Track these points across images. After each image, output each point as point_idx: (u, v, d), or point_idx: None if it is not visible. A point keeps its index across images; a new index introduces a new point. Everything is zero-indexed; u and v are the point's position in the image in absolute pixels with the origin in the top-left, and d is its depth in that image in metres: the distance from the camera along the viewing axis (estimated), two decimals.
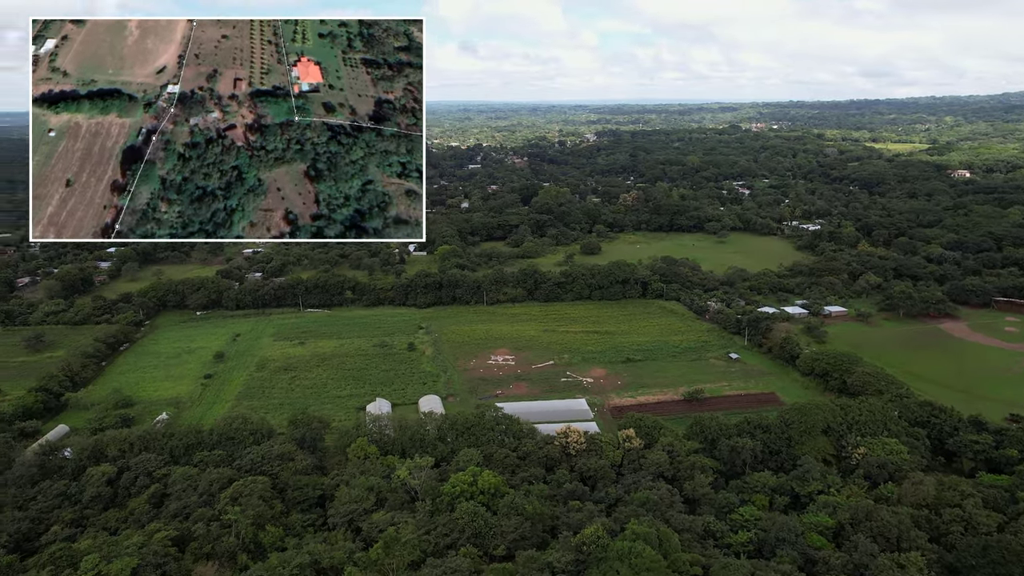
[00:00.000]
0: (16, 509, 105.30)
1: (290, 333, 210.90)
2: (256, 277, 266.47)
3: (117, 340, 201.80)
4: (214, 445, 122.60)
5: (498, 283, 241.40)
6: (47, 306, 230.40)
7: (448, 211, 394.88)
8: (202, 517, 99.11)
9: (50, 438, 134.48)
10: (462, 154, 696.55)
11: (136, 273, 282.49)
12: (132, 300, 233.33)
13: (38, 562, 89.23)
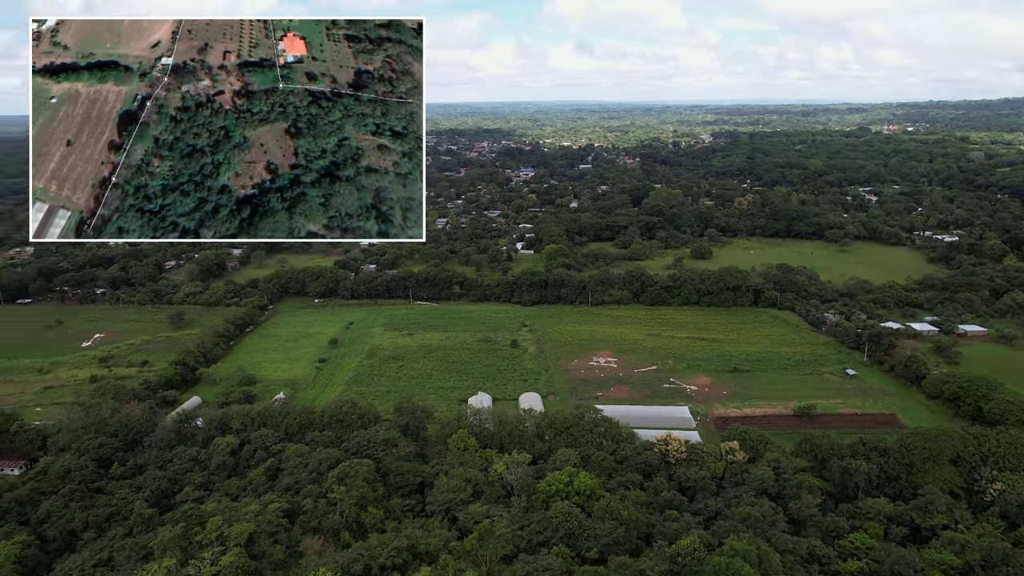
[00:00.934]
0: (157, 468, 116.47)
1: (400, 324, 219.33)
2: (370, 269, 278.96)
3: (244, 322, 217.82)
4: (325, 426, 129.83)
5: (604, 284, 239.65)
6: (188, 287, 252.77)
7: (557, 210, 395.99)
8: (311, 493, 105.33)
9: (186, 408, 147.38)
10: (573, 154, 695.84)
11: (263, 260, 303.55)
12: (258, 286, 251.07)
13: (172, 517, 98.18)
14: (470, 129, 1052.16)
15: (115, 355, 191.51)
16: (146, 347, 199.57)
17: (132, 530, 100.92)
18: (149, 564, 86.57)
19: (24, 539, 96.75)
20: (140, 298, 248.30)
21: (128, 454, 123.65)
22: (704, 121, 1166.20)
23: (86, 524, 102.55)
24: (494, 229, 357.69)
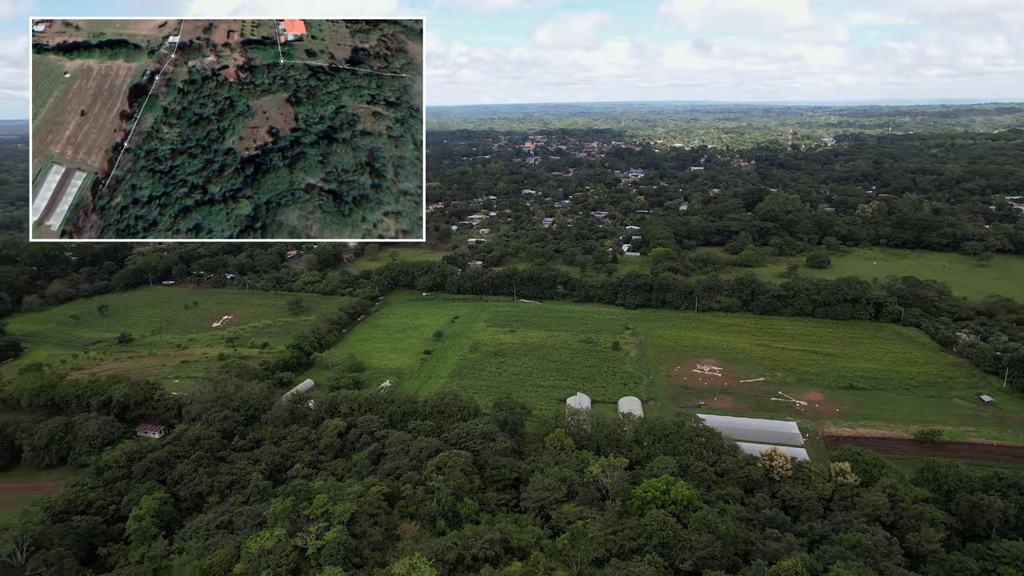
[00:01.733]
0: (272, 444, 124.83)
1: (503, 320, 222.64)
2: (477, 265, 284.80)
3: (356, 311, 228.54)
4: (427, 416, 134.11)
5: (711, 290, 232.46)
6: (306, 276, 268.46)
7: (665, 213, 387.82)
8: (410, 480, 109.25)
9: (300, 389, 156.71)
10: (685, 155, 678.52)
11: (376, 253, 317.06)
12: (371, 277, 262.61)
13: (284, 491, 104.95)
14: (580, 129, 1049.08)
15: (240, 336, 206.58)
16: (267, 330, 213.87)
17: (249, 498, 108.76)
18: (263, 531, 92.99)
19: (162, 496, 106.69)
20: (263, 284, 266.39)
21: (248, 428, 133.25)
22: (827, 123, 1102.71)
23: (211, 488, 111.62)
24: (600, 230, 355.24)
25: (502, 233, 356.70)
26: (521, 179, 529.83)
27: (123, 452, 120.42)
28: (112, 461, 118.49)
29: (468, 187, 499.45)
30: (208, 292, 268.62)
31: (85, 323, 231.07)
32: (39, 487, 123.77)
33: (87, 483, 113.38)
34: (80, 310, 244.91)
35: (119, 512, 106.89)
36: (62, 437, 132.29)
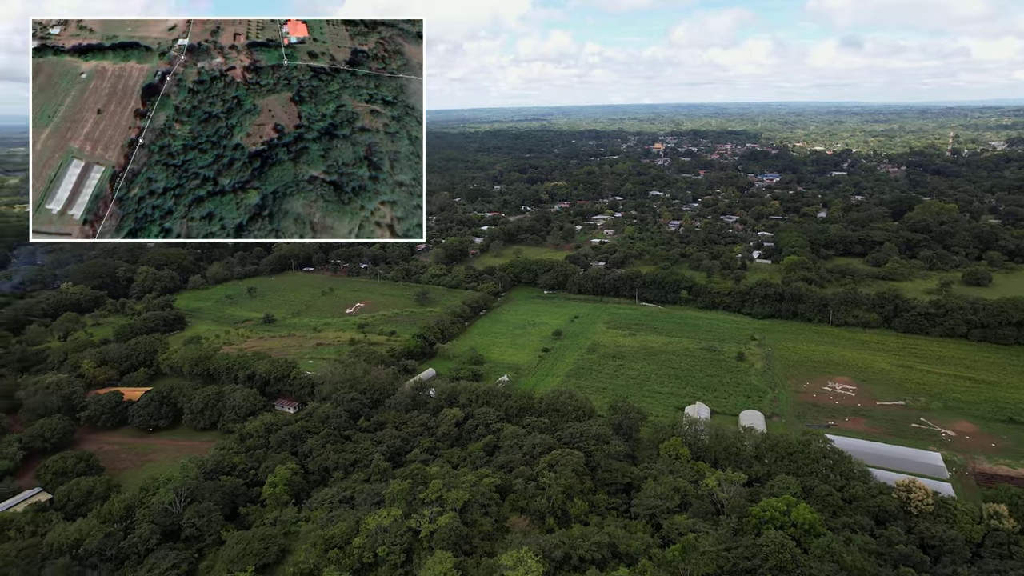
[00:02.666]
0: (394, 428, 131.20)
1: (622, 323, 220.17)
2: (599, 266, 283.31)
3: (479, 306, 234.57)
4: (541, 413, 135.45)
5: (849, 304, 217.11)
6: (433, 269, 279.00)
7: (801, 220, 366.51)
8: (522, 475, 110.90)
9: (422, 377, 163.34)
10: (826, 159, 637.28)
11: (500, 250, 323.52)
12: (494, 273, 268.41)
13: (402, 474, 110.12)
14: (713, 131, 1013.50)
15: (370, 323, 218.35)
16: (395, 319, 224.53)
17: (370, 477, 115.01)
18: (380, 509, 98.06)
19: (293, 467, 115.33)
20: (394, 275, 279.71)
21: (372, 411, 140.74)
22: (998, 125, 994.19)
23: (337, 464, 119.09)
24: (730, 235, 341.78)
25: (626, 235, 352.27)
26: (649, 180, 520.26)
27: (262, 423, 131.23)
28: (253, 430, 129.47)
29: (594, 187, 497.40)
30: (343, 280, 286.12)
31: (236, 303, 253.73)
32: (195, 447, 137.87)
33: (232, 448, 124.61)
34: (233, 291, 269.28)
35: (257, 477, 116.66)
36: (214, 404, 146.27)
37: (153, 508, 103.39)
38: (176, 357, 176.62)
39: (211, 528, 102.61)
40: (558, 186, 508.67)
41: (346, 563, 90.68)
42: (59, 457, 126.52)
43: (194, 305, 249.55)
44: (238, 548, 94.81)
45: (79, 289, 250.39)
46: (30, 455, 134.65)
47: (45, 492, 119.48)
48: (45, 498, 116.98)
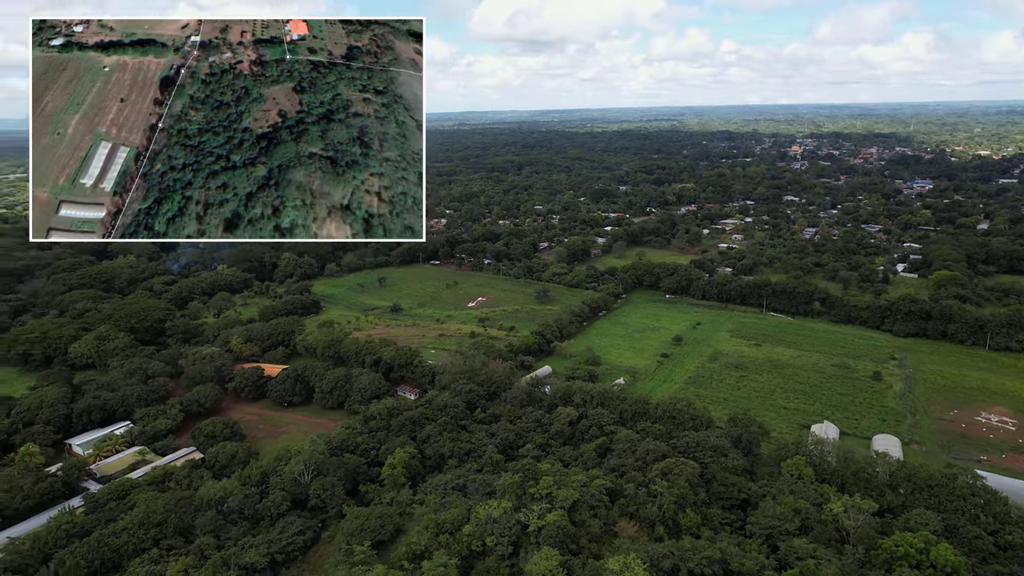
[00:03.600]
0: (508, 422, 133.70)
1: (748, 332, 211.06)
2: (726, 272, 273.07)
3: (598, 306, 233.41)
4: (657, 419, 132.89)
5: (1012, 326, 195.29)
6: (555, 268, 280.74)
7: (957, 231, 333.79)
8: (634, 480, 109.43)
9: (538, 374, 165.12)
10: (992, 165, 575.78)
11: (623, 251, 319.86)
12: (615, 274, 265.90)
13: (514, 467, 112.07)
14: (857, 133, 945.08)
15: (490, 318, 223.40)
16: (515, 315, 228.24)
17: (483, 468, 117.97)
18: (491, 500, 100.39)
19: (411, 451, 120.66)
20: (516, 272, 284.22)
21: (489, 403, 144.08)
22: None
23: (452, 452, 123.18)
24: (871, 245, 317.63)
25: (756, 240, 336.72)
26: (784, 185, 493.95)
27: (385, 407, 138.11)
28: (376, 413, 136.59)
29: (724, 190, 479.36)
30: (467, 274, 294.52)
31: (367, 291, 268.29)
32: (323, 424, 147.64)
33: (357, 428, 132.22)
34: (364, 280, 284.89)
35: (378, 457, 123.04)
36: (342, 385, 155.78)
37: (285, 477, 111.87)
38: (311, 339, 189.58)
39: (334, 501, 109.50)
40: (686, 188, 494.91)
41: (455, 549, 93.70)
42: (210, 422, 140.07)
43: (329, 291, 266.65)
44: (357, 523, 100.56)
45: (232, 271, 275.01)
46: (187, 417, 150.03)
47: (198, 451, 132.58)
48: (198, 457, 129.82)
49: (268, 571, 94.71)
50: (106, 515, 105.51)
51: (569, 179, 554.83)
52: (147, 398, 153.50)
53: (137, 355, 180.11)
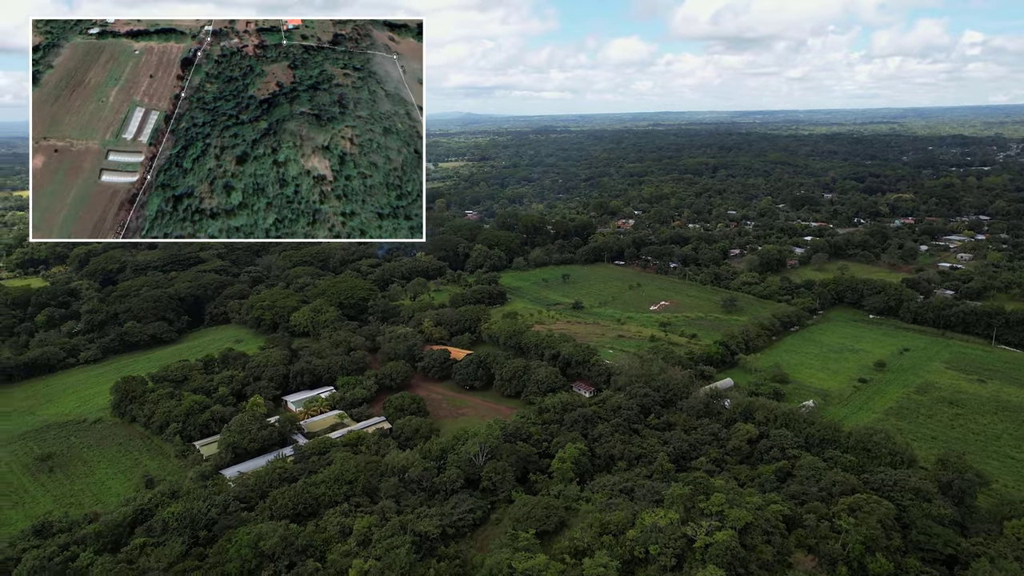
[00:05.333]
0: (683, 431, 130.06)
1: (969, 365, 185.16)
2: (946, 294, 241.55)
3: (790, 321, 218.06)
4: (848, 449, 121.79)
5: None
6: (745, 276, 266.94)
7: None
8: (815, 511, 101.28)
9: (718, 386, 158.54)
10: None
11: (823, 264, 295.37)
12: (813, 288, 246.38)
13: (685, 479, 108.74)
14: None
15: (672, 323, 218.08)
16: (698, 322, 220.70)
17: (652, 475, 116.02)
18: (658, 508, 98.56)
19: (582, 447, 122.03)
20: (702, 278, 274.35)
21: (663, 410, 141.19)
22: None
23: (622, 455, 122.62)
24: None
25: (989, 261, 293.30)
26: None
27: (560, 401, 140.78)
28: (551, 406, 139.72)
29: (951, 203, 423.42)
30: (651, 277, 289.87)
31: (551, 286, 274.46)
32: (500, 410, 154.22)
33: (531, 418, 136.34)
34: (549, 275, 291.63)
35: (548, 449, 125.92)
36: (521, 376, 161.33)
37: (461, 456, 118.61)
38: (495, 328, 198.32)
39: (504, 486, 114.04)
40: (902, 198, 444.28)
41: (617, 551, 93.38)
42: (399, 396, 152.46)
43: (515, 284, 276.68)
44: (524, 510, 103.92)
45: (428, 259, 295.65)
46: (380, 389, 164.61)
47: (387, 422, 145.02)
48: (386, 426, 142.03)
49: (439, 541, 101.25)
50: (309, 466, 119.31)
51: (767, 184, 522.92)
52: (348, 368, 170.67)
53: (343, 328, 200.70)
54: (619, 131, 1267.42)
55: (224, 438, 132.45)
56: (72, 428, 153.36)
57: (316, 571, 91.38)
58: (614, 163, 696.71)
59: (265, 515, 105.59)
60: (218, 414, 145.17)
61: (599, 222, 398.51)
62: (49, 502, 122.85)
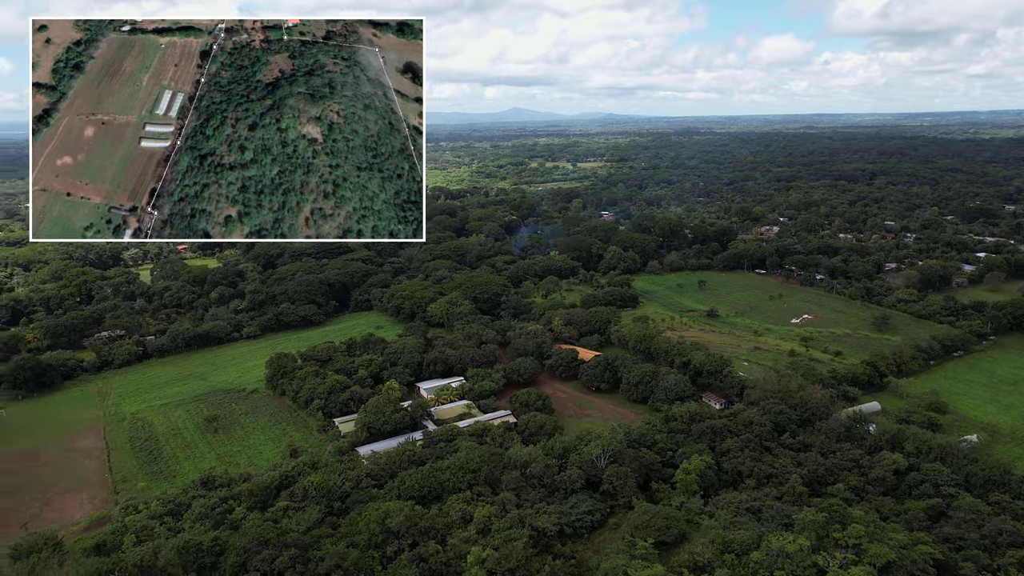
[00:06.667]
0: (820, 454, 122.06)
1: None
2: None
3: (953, 345, 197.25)
4: (1020, 495, 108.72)
5: None
6: (900, 293, 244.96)
7: None
8: (974, 559, 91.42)
9: (863, 409, 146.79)
10: None
11: (999, 284, 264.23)
12: (984, 311, 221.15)
13: (819, 504, 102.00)
14: None
15: (815, 338, 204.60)
16: (844, 339, 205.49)
17: (783, 496, 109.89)
18: (787, 533, 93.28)
19: (708, 460, 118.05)
20: (852, 292, 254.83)
21: (799, 429, 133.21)
22: None
23: (751, 472, 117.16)
24: None
25: None
26: None
27: (688, 410, 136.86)
28: (678, 415, 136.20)
29: None
30: (794, 288, 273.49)
31: (685, 292, 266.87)
32: (624, 414, 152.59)
33: (657, 425, 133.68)
34: (684, 281, 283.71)
35: (673, 459, 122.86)
36: (648, 381, 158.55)
37: (583, 456, 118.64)
38: (625, 331, 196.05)
39: (624, 491, 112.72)
40: None
41: (739, 572, 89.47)
42: (526, 391, 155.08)
43: (648, 287, 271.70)
44: (644, 518, 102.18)
45: (562, 258, 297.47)
46: (507, 383, 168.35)
47: (512, 416, 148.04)
48: (511, 420, 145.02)
49: (556, 539, 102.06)
50: (436, 452, 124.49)
51: (934, 193, 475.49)
52: (478, 360, 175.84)
53: (476, 321, 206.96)
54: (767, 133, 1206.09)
55: (361, 417, 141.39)
56: (233, 395, 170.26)
57: (436, 553, 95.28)
58: (760, 167, 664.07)
59: (393, 494, 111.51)
60: (357, 394, 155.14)
61: (740, 228, 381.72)
62: (213, 459, 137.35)
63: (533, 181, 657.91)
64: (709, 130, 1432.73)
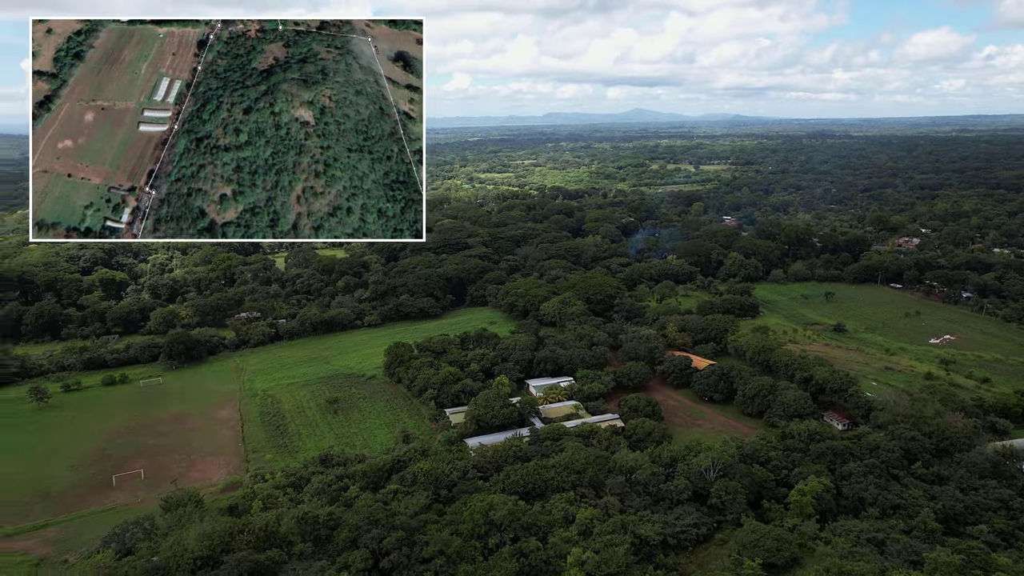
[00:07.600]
0: (959, 490, 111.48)
1: None
2: None
3: None
4: None
5: None
6: None
7: None
8: None
9: (1015, 445, 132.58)
10: None
11: None
12: None
13: (955, 545, 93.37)
14: None
15: (957, 361, 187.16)
16: (993, 365, 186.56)
17: (911, 531, 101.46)
18: (914, 571, 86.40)
19: (826, 483, 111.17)
20: (1006, 313, 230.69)
21: (934, 460, 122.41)
22: None
23: (874, 500, 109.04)
24: None
25: None
26: None
27: (807, 429, 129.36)
28: (796, 432, 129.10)
29: None
30: (935, 306, 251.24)
31: (810, 304, 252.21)
32: (738, 427, 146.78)
33: (771, 442, 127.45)
34: (810, 292, 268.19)
35: (787, 479, 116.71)
36: (765, 395, 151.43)
37: (691, 467, 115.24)
38: (742, 341, 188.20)
39: (733, 508, 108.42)
40: None
41: None
42: (635, 396, 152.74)
43: (770, 297, 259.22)
44: (753, 537, 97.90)
45: (679, 263, 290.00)
46: (617, 387, 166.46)
47: (620, 420, 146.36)
48: (619, 424, 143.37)
49: (658, 549, 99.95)
50: (542, 450, 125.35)
51: None
52: (588, 361, 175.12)
53: (587, 323, 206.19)
54: (911, 137, 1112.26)
55: (471, 410, 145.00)
56: (353, 380, 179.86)
57: (537, 549, 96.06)
58: (901, 173, 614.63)
59: (497, 487, 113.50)
60: (468, 387, 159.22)
61: (875, 238, 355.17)
62: (332, 438, 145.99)
63: (653, 183, 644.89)
64: (845, 133, 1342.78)
